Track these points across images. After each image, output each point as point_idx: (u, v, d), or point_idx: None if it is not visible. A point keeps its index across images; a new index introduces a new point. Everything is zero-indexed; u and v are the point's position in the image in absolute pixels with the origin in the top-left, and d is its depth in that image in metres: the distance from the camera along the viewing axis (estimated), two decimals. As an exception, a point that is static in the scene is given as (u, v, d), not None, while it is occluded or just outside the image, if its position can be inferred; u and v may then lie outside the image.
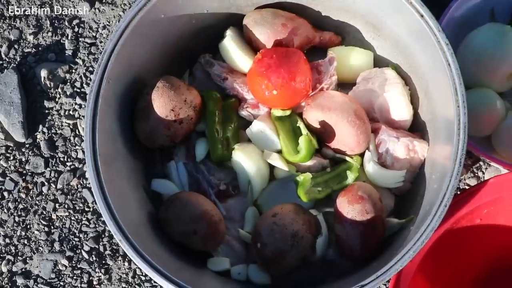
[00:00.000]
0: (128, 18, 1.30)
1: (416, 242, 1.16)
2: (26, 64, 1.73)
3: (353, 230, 1.27)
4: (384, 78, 1.39)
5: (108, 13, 1.75)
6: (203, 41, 1.46)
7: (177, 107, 1.32)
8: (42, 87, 1.71)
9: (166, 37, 1.40)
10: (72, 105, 1.70)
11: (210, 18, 1.43)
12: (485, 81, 1.51)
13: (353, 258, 1.32)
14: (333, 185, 1.36)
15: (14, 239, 1.64)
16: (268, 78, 1.32)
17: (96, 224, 1.63)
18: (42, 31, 1.75)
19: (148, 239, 1.28)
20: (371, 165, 1.35)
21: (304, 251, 1.28)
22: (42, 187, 1.66)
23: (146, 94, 1.34)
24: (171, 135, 1.35)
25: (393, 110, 1.39)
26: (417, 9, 1.23)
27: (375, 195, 1.29)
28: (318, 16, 1.46)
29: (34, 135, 1.69)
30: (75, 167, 1.67)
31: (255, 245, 1.31)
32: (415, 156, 1.35)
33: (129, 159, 1.36)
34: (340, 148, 1.38)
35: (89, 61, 1.73)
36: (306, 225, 1.29)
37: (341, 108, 1.33)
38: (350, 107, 1.33)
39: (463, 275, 1.45)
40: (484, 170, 1.61)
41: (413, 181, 1.38)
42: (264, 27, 1.39)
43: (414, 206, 1.31)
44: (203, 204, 1.32)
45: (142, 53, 1.36)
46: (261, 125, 1.37)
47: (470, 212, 1.28)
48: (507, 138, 1.49)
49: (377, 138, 1.37)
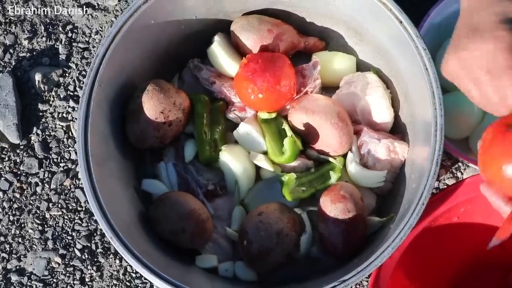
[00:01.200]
0: (119, 24, 1.30)
1: (394, 239, 1.17)
2: (21, 68, 1.74)
3: (335, 228, 1.28)
4: (366, 82, 1.40)
5: (101, 19, 1.76)
6: (192, 46, 1.46)
7: (166, 109, 1.33)
8: (37, 90, 1.72)
9: (156, 42, 1.40)
10: (66, 108, 1.71)
11: (198, 24, 1.43)
12: (462, 84, 1.52)
13: (335, 255, 1.32)
14: (317, 185, 1.37)
15: (8, 237, 1.64)
16: (254, 82, 1.33)
17: (88, 223, 1.63)
18: (37, 36, 1.76)
19: (138, 237, 1.28)
20: (354, 166, 1.36)
21: (288, 249, 1.29)
22: (36, 187, 1.67)
23: (136, 97, 1.34)
24: (160, 136, 1.35)
25: (375, 113, 1.40)
26: (396, 16, 1.25)
27: (356, 195, 1.30)
28: (303, 22, 1.47)
29: (29, 136, 1.70)
30: (68, 168, 1.67)
31: (241, 242, 1.32)
32: (395, 157, 1.36)
33: (120, 160, 1.36)
34: (323, 149, 1.38)
35: (82, 65, 1.73)
36: (291, 223, 1.30)
37: (325, 110, 1.33)
38: (333, 110, 1.34)
39: (442, 271, 1.45)
40: (463, 170, 1.62)
41: (394, 181, 1.38)
42: (250, 32, 1.40)
43: (394, 205, 1.32)
44: (191, 203, 1.33)
45: (133, 57, 1.37)
46: (247, 127, 1.38)
47: (448, 211, 1.29)
48: (483, 139, 1.51)
49: (359, 140, 1.38)
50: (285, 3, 1.43)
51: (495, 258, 1.45)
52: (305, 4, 1.42)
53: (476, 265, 1.47)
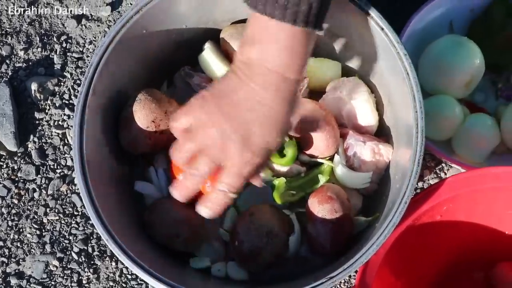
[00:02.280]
0: (112, 34, 1.31)
1: (379, 237, 1.18)
2: (18, 78, 1.75)
3: (323, 228, 1.29)
4: (351, 87, 1.41)
5: (94, 29, 1.78)
6: (182, 54, 1.47)
7: (157, 118, 1.34)
8: (33, 100, 1.73)
9: (147, 50, 1.41)
10: (61, 116, 1.72)
11: (189, 33, 1.44)
12: (444, 88, 1.54)
13: (324, 254, 1.33)
14: (307, 188, 1.38)
15: (7, 242, 1.65)
16: None
17: (84, 227, 1.65)
18: (32, 47, 1.77)
19: (133, 240, 1.29)
20: (340, 168, 1.37)
21: (278, 248, 1.31)
22: (33, 193, 1.68)
23: (129, 105, 1.35)
24: (152, 144, 1.36)
25: (360, 116, 1.41)
26: (377, 23, 1.26)
27: (343, 195, 1.31)
28: None
29: (26, 144, 1.71)
30: (65, 174, 1.69)
31: (233, 243, 1.33)
32: (380, 159, 1.37)
33: (115, 165, 1.37)
34: (311, 153, 1.39)
35: (77, 74, 1.75)
36: (280, 224, 1.31)
37: (312, 114, 1.35)
38: (320, 114, 1.35)
39: (427, 268, 1.47)
40: (446, 171, 1.64)
41: (379, 182, 1.40)
42: (239, 40, 1.41)
43: (380, 205, 1.33)
44: (186, 209, 1.34)
45: (126, 65, 1.37)
46: None
47: (431, 209, 1.29)
48: (465, 141, 1.53)
49: (346, 143, 1.39)
50: (272, 12, 1.44)
51: (478, 254, 1.47)
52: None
53: (460, 262, 1.49)
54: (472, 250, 1.47)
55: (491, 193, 1.32)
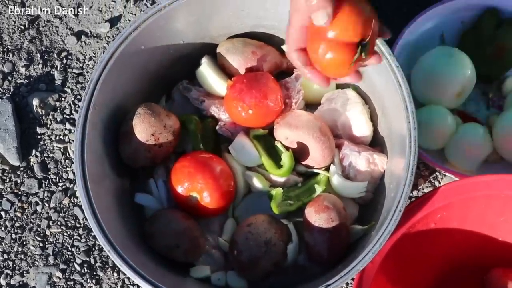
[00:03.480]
0: (111, 50, 1.32)
1: (375, 244, 1.19)
2: (19, 94, 1.76)
3: (320, 237, 1.30)
4: (346, 98, 1.42)
5: (94, 46, 1.79)
6: (180, 68, 1.48)
7: (157, 132, 1.34)
8: (35, 115, 1.74)
9: (146, 65, 1.42)
10: (63, 131, 1.73)
11: (186, 48, 1.46)
12: (436, 99, 1.55)
13: (321, 262, 1.34)
14: (304, 198, 1.38)
15: (11, 254, 1.65)
16: (242, 100, 1.36)
17: (87, 239, 1.65)
18: (33, 64, 1.78)
19: (135, 250, 1.30)
20: (336, 178, 1.38)
21: (276, 257, 1.31)
22: (36, 206, 1.68)
23: (129, 119, 1.35)
24: (151, 157, 1.37)
25: (355, 127, 1.42)
26: None
27: (339, 205, 1.32)
28: (283, 43, 1.47)
29: (28, 158, 1.72)
30: (67, 187, 1.69)
31: (232, 252, 1.33)
32: (375, 168, 1.38)
33: (115, 177, 1.38)
34: (308, 163, 1.40)
35: (77, 89, 1.76)
36: (278, 233, 1.32)
37: (307, 125, 1.36)
38: (315, 125, 1.36)
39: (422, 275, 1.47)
40: (440, 180, 1.65)
41: (375, 191, 1.40)
42: (235, 54, 1.42)
43: (375, 214, 1.34)
44: (185, 221, 1.34)
45: (125, 80, 1.38)
46: (242, 141, 1.40)
47: (425, 217, 1.30)
48: (458, 149, 1.54)
49: (341, 153, 1.40)
50: (267, 27, 1.45)
51: (472, 261, 1.47)
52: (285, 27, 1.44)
53: (454, 268, 1.49)
54: (466, 256, 1.47)
55: (484, 200, 1.33)
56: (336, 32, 1.06)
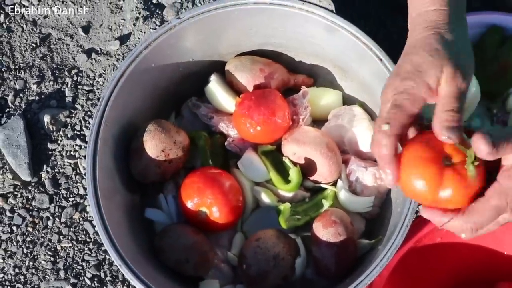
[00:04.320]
0: (122, 68, 1.34)
1: (382, 259, 1.20)
2: (31, 110, 1.77)
3: (328, 251, 1.30)
4: (353, 115, 1.43)
5: (104, 63, 1.80)
6: (190, 86, 1.50)
7: (167, 148, 1.36)
8: (46, 131, 1.75)
9: (156, 83, 1.43)
10: (73, 147, 1.74)
11: (195, 65, 1.47)
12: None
13: (329, 276, 1.34)
14: (311, 213, 1.39)
15: (23, 269, 1.66)
16: (251, 117, 1.37)
17: (97, 253, 1.65)
18: (45, 81, 1.80)
19: (145, 264, 1.30)
20: (343, 193, 1.38)
21: (284, 271, 1.32)
22: (47, 221, 1.69)
23: (139, 136, 1.36)
24: (161, 172, 1.38)
25: (361, 143, 1.42)
26: (376, 54, 1.29)
27: (346, 219, 1.33)
28: (292, 61, 1.51)
29: (39, 174, 1.72)
30: (77, 202, 1.70)
31: (241, 266, 1.34)
32: (382, 183, 1.38)
33: (126, 193, 1.39)
34: (315, 178, 1.41)
35: (88, 106, 1.77)
36: (286, 247, 1.33)
37: (315, 141, 1.37)
38: (323, 141, 1.37)
39: (430, 288, 1.49)
40: (445, 194, 1.65)
41: (381, 206, 1.41)
42: (244, 72, 1.44)
43: (382, 228, 1.34)
44: (194, 235, 1.35)
45: (135, 97, 1.40)
46: (250, 157, 1.41)
47: (431, 232, 1.31)
48: (463, 165, 1.54)
49: (348, 168, 1.41)
50: (275, 44, 1.47)
51: (478, 275, 1.47)
52: (294, 45, 1.46)
53: (460, 282, 1.49)
54: (472, 270, 1.47)
55: (489, 215, 1.33)
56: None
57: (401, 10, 1.72)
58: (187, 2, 1.83)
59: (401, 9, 1.73)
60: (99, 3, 1.84)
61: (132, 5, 1.83)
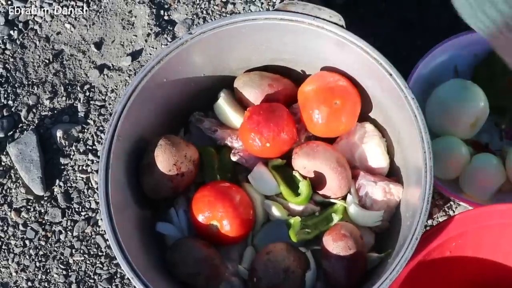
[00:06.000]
0: (134, 83, 1.34)
1: (391, 272, 1.20)
2: (44, 125, 1.79)
3: (338, 265, 1.30)
4: (364, 131, 1.43)
5: (116, 78, 1.81)
6: (200, 101, 1.50)
7: (178, 161, 1.36)
8: (58, 146, 1.76)
9: (168, 98, 1.44)
10: (85, 161, 1.75)
11: (206, 81, 1.47)
12: (451, 130, 1.56)
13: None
14: (321, 227, 1.39)
15: (35, 282, 1.67)
16: (260, 133, 1.36)
17: (109, 267, 1.66)
18: (57, 96, 1.81)
19: (156, 278, 1.30)
20: (353, 207, 1.39)
21: (295, 284, 1.31)
22: (59, 235, 1.70)
23: (150, 151, 1.37)
24: (173, 187, 1.38)
25: (371, 159, 1.43)
26: (386, 69, 1.29)
27: (356, 233, 1.33)
28: (301, 75, 1.50)
29: (52, 188, 1.74)
30: (89, 216, 1.71)
31: (251, 279, 1.34)
32: (391, 198, 1.39)
33: (137, 207, 1.39)
34: (324, 193, 1.41)
35: (100, 121, 1.78)
36: (297, 261, 1.33)
37: (325, 156, 1.37)
38: (332, 156, 1.37)
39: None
40: (454, 209, 1.65)
41: (391, 220, 1.41)
42: (252, 88, 1.44)
43: (391, 242, 1.34)
44: (206, 249, 1.35)
45: (147, 113, 1.40)
46: (261, 171, 1.41)
47: (440, 245, 1.30)
48: (472, 179, 1.55)
49: (357, 183, 1.41)
50: (286, 60, 1.47)
51: (488, 288, 1.48)
52: (304, 60, 1.46)
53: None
54: (480, 284, 1.47)
55: (498, 229, 1.33)
56: None
57: (410, 27, 1.74)
58: (198, 19, 1.84)
59: (410, 26, 1.75)
60: (111, 19, 1.86)
61: (144, 21, 1.85)
